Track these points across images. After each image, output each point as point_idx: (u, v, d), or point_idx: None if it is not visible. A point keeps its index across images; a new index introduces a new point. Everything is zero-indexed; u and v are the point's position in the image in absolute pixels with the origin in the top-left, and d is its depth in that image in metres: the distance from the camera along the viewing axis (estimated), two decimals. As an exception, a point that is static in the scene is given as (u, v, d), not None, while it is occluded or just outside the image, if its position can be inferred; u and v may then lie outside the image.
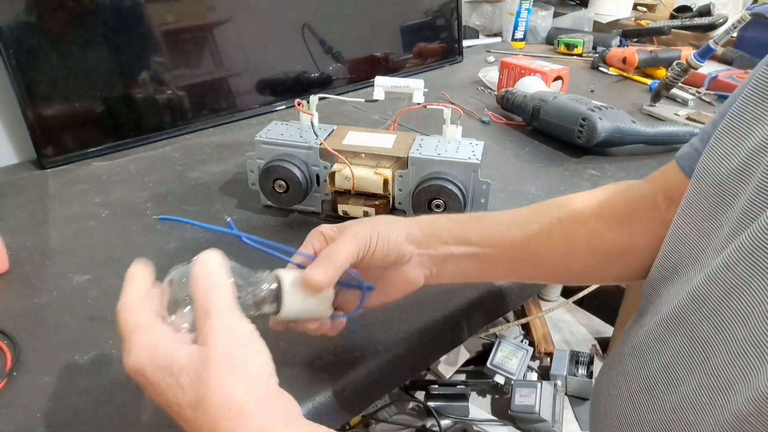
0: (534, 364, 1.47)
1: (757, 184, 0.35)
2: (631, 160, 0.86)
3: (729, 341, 0.34)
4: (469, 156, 0.64)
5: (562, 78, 1.09)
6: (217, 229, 0.43)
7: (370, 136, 0.69)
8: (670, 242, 0.43)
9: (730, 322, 0.34)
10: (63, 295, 0.57)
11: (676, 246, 0.42)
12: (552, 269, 0.50)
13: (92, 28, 0.83)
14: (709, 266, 0.36)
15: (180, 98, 0.94)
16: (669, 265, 0.43)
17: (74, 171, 0.82)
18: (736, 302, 0.34)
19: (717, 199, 0.38)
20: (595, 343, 1.58)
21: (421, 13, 1.27)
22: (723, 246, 0.36)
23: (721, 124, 0.40)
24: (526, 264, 0.49)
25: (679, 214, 0.42)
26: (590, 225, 0.49)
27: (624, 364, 0.44)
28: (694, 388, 0.35)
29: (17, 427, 0.43)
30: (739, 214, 0.36)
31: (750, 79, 0.39)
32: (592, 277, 0.52)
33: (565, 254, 0.48)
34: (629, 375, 0.43)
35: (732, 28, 0.86)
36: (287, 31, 1.05)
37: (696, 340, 0.36)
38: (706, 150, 0.41)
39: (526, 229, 0.48)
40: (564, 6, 1.73)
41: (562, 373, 1.40)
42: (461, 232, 0.47)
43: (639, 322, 0.45)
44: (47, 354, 0.49)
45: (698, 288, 0.37)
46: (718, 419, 0.33)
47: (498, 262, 0.48)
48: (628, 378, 0.43)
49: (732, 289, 0.34)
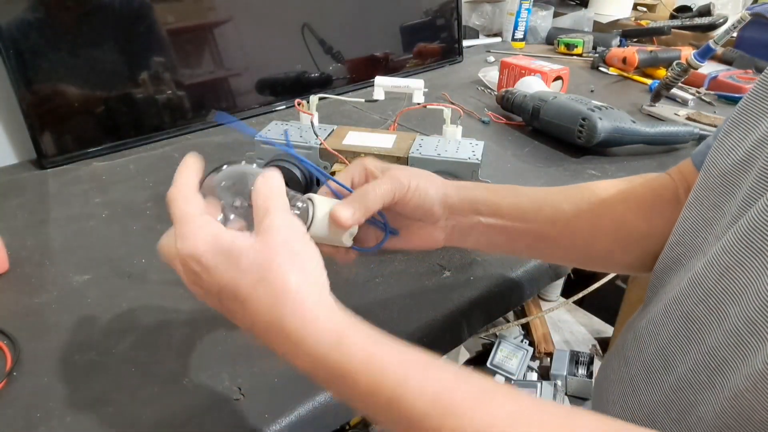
0: (534, 364, 1.47)
1: (758, 172, 0.35)
2: (631, 160, 0.86)
3: (723, 321, 0.34)
4: (469, 156, 0.64)
5: (562, 78, 1.09)
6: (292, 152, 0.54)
7: (370, 136, 0.69)
8: (676, 233, 0.44)
9: (724, 302, 0.35)
10: (63, 295, 0.57)
11: (681, 237, 0.43)
12: (574, 250, 0.51)
13: (92, 29, 0.83)
14: (709, 252, 0.37)
15: (180, 98, 0.94)
16: (674, 255, 0.43)
17: (74, 171, 0.82)
18: (730, 283, 0.34)
19: (721, 189, 0.39)
20: (595, 343, 1.58)
21: (421, 13, 1.27)
22: (723, 232, 0.37)
23: (729, 119, 0.41)
24: (549, 242, 0.50)
25: (686, 206, 0.43)
26: (616, 209, 0.50)
27: (625, 351, 0.45)
28: (691, 368, 0.36)
29: (17, 427, 0.43)
30: (740, 202, 0.36)
31: (763, 75, 0.40)
32: (611, 262, 0.53)
33: (590, 237, 0.49)
34: (629, 360, 0.44)
35: (732, 28, 0.86)
36: (287, 31, 1.05)
37: (692, 322, 0.37)
38: (714, 144, 0.41)
39: (557, 208, 0.49)
40: (564, 6, 1.73)
41: (562, 373, 1.40)
42: (496, 204, 0.48)
43: (643, 311, 0.46)
44: (47, 354, 0.49)
45: (697, 273, 0.37)
46: (717, 398, 0.34)
47: (523, 237, 0.49)
48: (628, 363, 0.44)
49: (727, 270, 0.35)
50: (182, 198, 0.36)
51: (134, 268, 0.61)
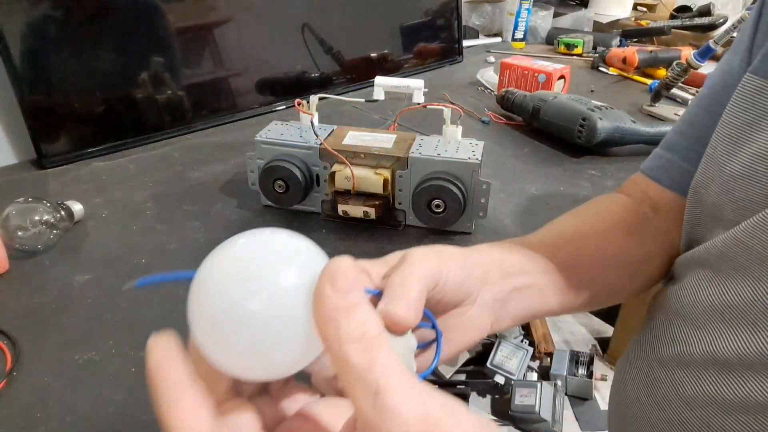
0: (534, 364, 1.47)
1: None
2: (631, 160, 0.86)
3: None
4: (469, 156, 0.64)
5: (564, 77, 1.09)
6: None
7: (370, 136, 0.69)
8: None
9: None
10: (63, 295, 0.57)
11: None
12: (594, 288, 0.46)
13: (92, 29, 0.83)
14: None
15: (180, 98, 0.94)
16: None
17: (74, 171, 0.82)
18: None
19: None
20: (595, 343, 1.58)
21: (421, 13, 1.27)
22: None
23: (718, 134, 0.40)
24: (573, 288, 0.44)
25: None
26: (615, 239, 0.47)
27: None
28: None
29: (17, 427, 0.43)
30: None
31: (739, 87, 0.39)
32: (622, 293, 0.49)
33: (603, 270, 0.46)
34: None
35: (732, 28, 0.86)
36: (287, 31, 1.05)
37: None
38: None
39: (564, 251, 0.44)
40: (564, 6, 1.73)
41: (562, 373, 1.40)
42: (516, 262, 0.41)
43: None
44: (47, 354, 0.49)
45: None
46: None
47: (552, 290, 0.43)
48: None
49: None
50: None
51: (134, 268, 0.61)
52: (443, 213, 0.64)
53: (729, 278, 0.37)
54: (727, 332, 0.36)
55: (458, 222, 0.65)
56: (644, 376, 0.44)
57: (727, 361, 0.36)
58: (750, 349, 0.34)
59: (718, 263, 0.39)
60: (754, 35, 0.41)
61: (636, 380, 0.46)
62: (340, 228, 0.69)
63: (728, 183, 0.38)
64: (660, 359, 0.43)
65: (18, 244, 0.61)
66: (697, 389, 0.38)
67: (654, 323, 0.45)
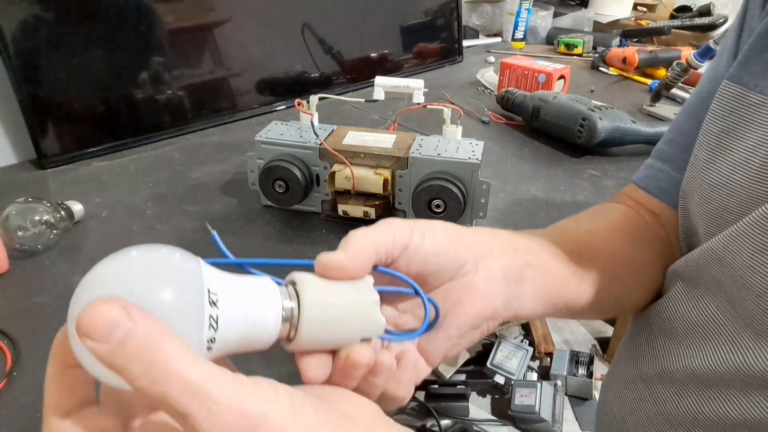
0: (534, 364, 1.47)
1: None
2: (631, 160, 0.86)
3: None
4: (469, 156, 0.64)
5: (564, 77, 1.09)
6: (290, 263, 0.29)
7: (370, 136, 0.69)
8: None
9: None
10: (63, 295, 0.57)
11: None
12: (602, 284, 0.43)
13: (92, 29, 0.83)
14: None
15: (180, 98, 0.94)
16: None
17: (74, 171, 0.82)
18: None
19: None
20: (595, 343, 1.58)
21: (421, 13, 1.27)
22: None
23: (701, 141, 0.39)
24: (584, 276, 0.41)
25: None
26: (619, 239, 0.45)
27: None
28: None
29: (17, 427, 0.43)
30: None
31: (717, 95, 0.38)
32: (625, 299, 0.47)
33: (610, 266, 0.43)
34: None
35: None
36: (287, 31, 1.05)
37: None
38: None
39: (571, 239, 0.42)
40: (564, 6, 1.73)
41: (562, 373, 1.40)
42: (524, 241, 0.39)
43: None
44: (47, 354, 0.49)
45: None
46: None
47: (564, 275, 0.40)
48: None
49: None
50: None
51: (134, 268, 0.61)
52: (443, 213, 0.64)
53: (706, 292, 0.36)
54: (705, 348, 0.36)
55: (458, 222, 0.65)
56: (628, 393, 0.44)
57: (707, 378, 0.35)
58: (728, 366, 0.34)
59: (695, 276, 0.38)
60: (738, 41, 0.40)
61: (620, 398, 0.45)
62: (340, 228, 0.69)
63: (707, 192, 0.37)
64: (643, 376, 0.42)
65: (18, 244, 0.61)
66: (679, 407, 0.37)
67: (637, 339, 0.44)
